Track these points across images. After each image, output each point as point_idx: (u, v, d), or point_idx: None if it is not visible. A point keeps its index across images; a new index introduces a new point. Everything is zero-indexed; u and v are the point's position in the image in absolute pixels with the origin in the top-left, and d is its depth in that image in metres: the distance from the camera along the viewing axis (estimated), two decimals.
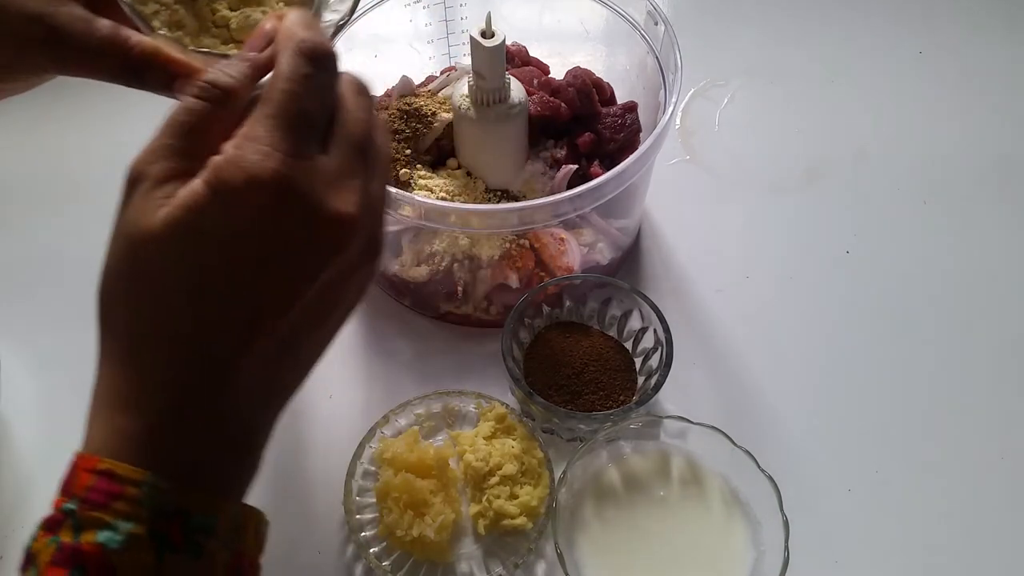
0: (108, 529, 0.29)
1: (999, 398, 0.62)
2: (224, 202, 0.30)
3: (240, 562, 0.33)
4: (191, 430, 0.32)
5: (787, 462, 0.55)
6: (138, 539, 0.29)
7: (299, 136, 0.31)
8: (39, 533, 0.30)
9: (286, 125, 0.31)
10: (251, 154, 0.30)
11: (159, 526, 0.30)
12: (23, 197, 0.76)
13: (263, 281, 0.31)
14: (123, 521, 0.29)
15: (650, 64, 0.66)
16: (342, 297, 0.35)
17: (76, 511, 0.30)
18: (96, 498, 0.30)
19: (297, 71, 0.32)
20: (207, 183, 0.30)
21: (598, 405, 0.57)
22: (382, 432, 0.57)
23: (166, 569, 0.30)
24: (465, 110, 0.61)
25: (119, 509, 0.30)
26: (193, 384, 0.31)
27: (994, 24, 0.89)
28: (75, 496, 0.30)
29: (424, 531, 0.51)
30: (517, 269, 0.61)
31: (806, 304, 0.68)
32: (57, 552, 0.29)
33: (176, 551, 0.30)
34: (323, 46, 0.33)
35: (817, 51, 0.87)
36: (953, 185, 0.75)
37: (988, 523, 0.56)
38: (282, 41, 0.33)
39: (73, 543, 0.29)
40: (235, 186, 0.30)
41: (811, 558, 0.52)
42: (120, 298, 0.32)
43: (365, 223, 0.33)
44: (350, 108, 0.34)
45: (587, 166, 0.65)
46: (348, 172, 0.33)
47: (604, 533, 0.52)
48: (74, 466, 0.31)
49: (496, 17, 0.57)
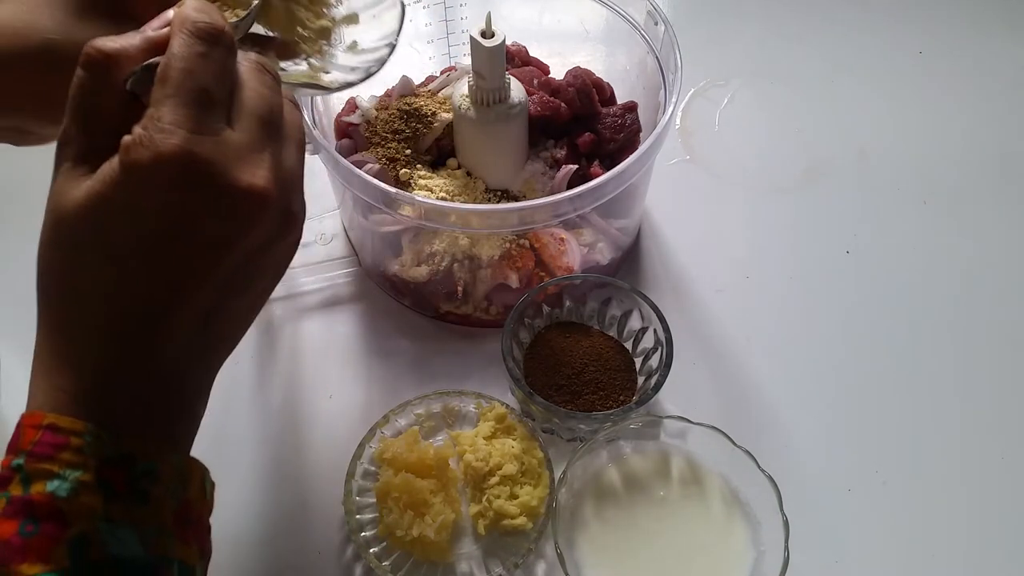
0: (56, 479, 0.31)
1: (999, 398, 0.62)
2: (135, 179, 0.32)
3: (188, 513, 0.35)
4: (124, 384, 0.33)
5: (787, 462, 0.55)
6: (86, 485, 0.31)
7: (199, 112, 0.33)
8: None
9: (185, 102, 0.32)
10: (155, 133, 0.32)
11: (104, 474, 0.31)
12: (23, 197, 0.76)
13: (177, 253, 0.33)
14: (70, 470, 0.31)
15: (650, 64, 0.66)
16: (264, 267, 0.37)
17: (24, 465, 0.31)
18: (42, 451, 0.31)
19: (191, 50, 0.33)
20: (121, 162, 0.32)
21: (598, 405, 0.57)
22: (382, 432, 0.57)
23: (113, 513, 0.31)
24: (465, 110, 0.61)
25: (65, 459, 0.31)
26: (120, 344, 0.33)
27: (994, 24, 0.89)
28: (21, 451, 0.31)
29: (424, 531, 0.51)
30: (517, 269, 0.61)
31: (806, 304, 0.68)
32: (8, 505, 0.31)
33: (121, 497, 0.32)
34: (216, 25, 0.34)
35: (817, 51, 0.87)
36: (953, 185, 0.76)
37: (988, 523, 0.57)
38: (176, 24, 0.34)
39: (23, 495, 0.31)
40: (143, 164, 0.31)
41: (811, 558, 0.52)
42: (51, 267, 0.34)
43: (278, 195, 0.34)
44: (252, 84, 0.35)
45: (587, 166, 0.65)
46: (256, 146, 0.34)
47: (604, 533, 0.52)
48: (19, 426, 0.33)
49: (496, 17, 0.57)
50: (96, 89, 0.33)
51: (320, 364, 0.64)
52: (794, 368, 0.64)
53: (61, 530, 0.30)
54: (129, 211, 0.32)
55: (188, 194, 0.32)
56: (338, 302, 0.68)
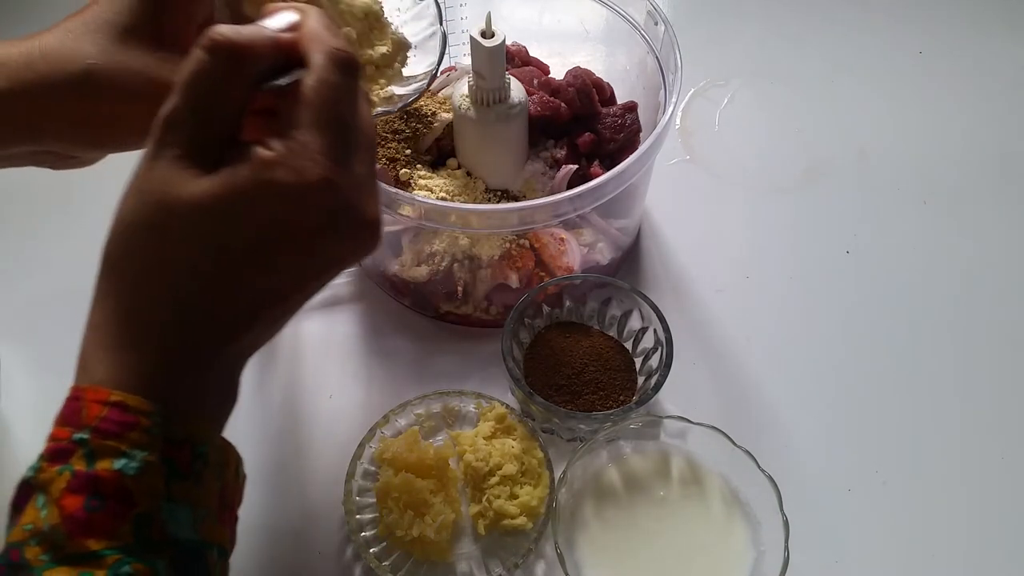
0: (124, 457, 0.31)
1: (999, 398, 0.62)
2: (270, 195, 0.33)
3: (225, 497, 0.35)
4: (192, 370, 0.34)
5: (787, 462, 0.55)
6: (152, 466, 0.32)
7: (339, 143, 0.34)
8: (43, 464, 0.32)
9: (329, 131, 0.34)
10: (301, 158, 0.33)
11: (169, 453, 0.32)
12: (23, 197, 0.76)
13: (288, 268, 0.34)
14: (138, 450, 0.31)
15: (650, 64, 0.66)
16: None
17: (89, 440, 0.31)
18: (109, 428, 0.31)
19: (337, 80, 0.34)
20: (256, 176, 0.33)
21: (598, 405, 0.57)
22: (382, 432, 0.57)
23: (174, 493, 0.32)
24: (465, 110, 0.61)
25: (133, 438, 0.32)
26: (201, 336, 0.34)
27: (994, 24, 0.89)
28: (85, 426, 0.32)
29: (424, 531, 0.51)
30: (517, 269, 0.62)
31: (806, 304, 0.68)
32: (72, 479, 0.31)
33: (183, 477, 0.33)
34: (355, 57, 0.36)
35: (817, 51, 0.87)
36: (953, 185, 0.76)
37: (988, 523, 0.57)
38: (312, 41, 0.35)
39: (88, 471, 0.31)
40: (284, 184, 0.33)
41: (811, 558, 0.52)
42: (143, 247, 0.34)
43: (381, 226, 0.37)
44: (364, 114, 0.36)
45: (587, 166, 0.65)
46: (372, 177, 0.36)
47: (604, 533, 0.52)
48: (77, 398, 0.33)
49: (496, 17, 0.57)
50: (219, 76, 0.33)
51: (320, 364, 0.64)
52: (794, 368, 0.64)
53: (127, 508, 0.31)
54: (253, 221, 0.33)
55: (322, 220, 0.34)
56: (338, 302, 0.68)
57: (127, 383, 0.33)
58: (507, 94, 0.60)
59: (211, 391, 0.35)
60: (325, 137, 0.33)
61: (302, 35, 0.35)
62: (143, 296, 0.34)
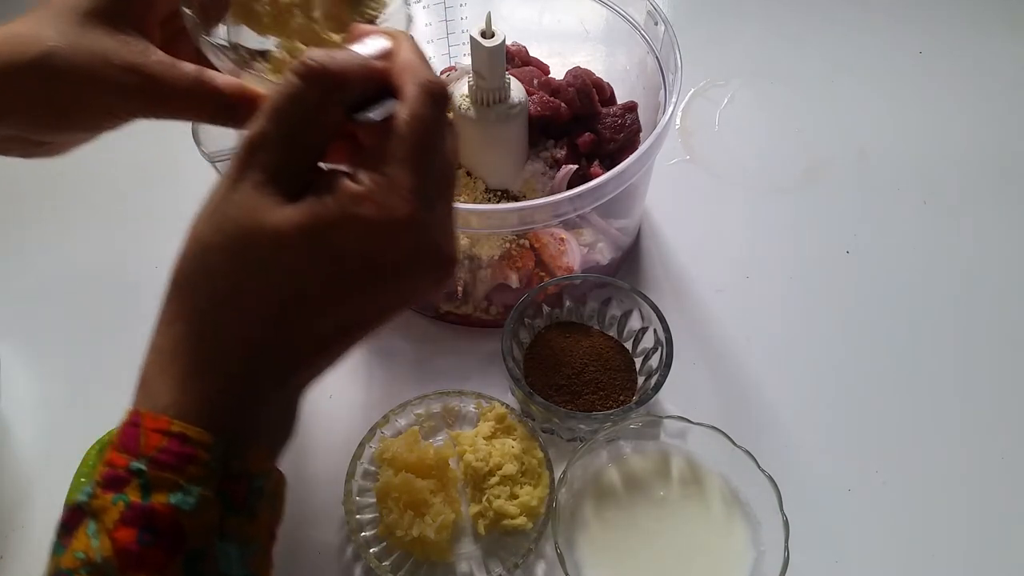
0: (181, 491, 0.30)
1: (999, 398, 0.62)
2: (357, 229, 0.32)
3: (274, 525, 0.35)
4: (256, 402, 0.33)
5: (787, 462, 0.55)
6: (207, 501, 0.31)
7: (428, 183, 0.33)
8: (97, 491, 0.31)
9: (420, 170, 0.33)
10: (391, 194, 0.32)
11: (225, 487, 0.31)
12: (24, 197, 0.76)
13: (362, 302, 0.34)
14: (195, 484, 0.31)
15: (650, 64, 0.66)
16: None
17: (146, 471, 0.30)
18: (168, 459, 0.31)
19: (431, 115, 0.34)
20: (343, 209, 0.32)
21: (598, 405, 0.57)
22: (382, 432, 0.57)
23: (228, 529, 0.31)
24: (465, 110, 0.61)
25: (192, 472, 0.31)
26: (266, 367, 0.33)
27: (994, 24, 0.89)
28: (143, 455, 0.31)
29: (424, 531, 0.51)
30: (517, 269, 0.61)
31: (806, 304, 0.68)
32: (127, 510, 0.30)
33: (237, 512, 0.32)
34: (447, 90, 0.35)
35: (817, 51, 0.87)
36: (953, 185, 0.76)
37: (988, 523, 0.56)
38: (407, 73, 0.34)
39: (144, 503, 0.30)
40: (371, 220, 0.32)
41: (811, 558, 0.52)
42: (214, 273, 0.33)
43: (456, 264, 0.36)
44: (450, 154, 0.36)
45: (587, 166, 0.65)
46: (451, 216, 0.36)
47: (604, 533, 0.52)
48: (134, 423, 0.32)
49: (496, 17, 0.57)
50: (311, 104, 0.33)
51: None
52: (794, 368, 0.64)
53: (179, 544, 0.30)
54: (335, 255, 0.32)
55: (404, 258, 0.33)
56: None
57: (189, 413, 0.32)
58: (507, 94, 0.60)
59: (272, 422, 0.35)
60: (416, 175, 0.33)
61: (396, 64, 0.35)
62: (213, 324, 0.33)
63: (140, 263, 0.69)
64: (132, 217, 0.73)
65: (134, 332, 0.72)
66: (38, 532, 0.56)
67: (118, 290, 0.68)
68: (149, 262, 0.70)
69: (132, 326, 0.67)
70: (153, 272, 0.69)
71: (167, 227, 0.72)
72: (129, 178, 0.75)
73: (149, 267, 0.70)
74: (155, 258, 0.72)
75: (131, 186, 0.75)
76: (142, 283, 0.70)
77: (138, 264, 0.69)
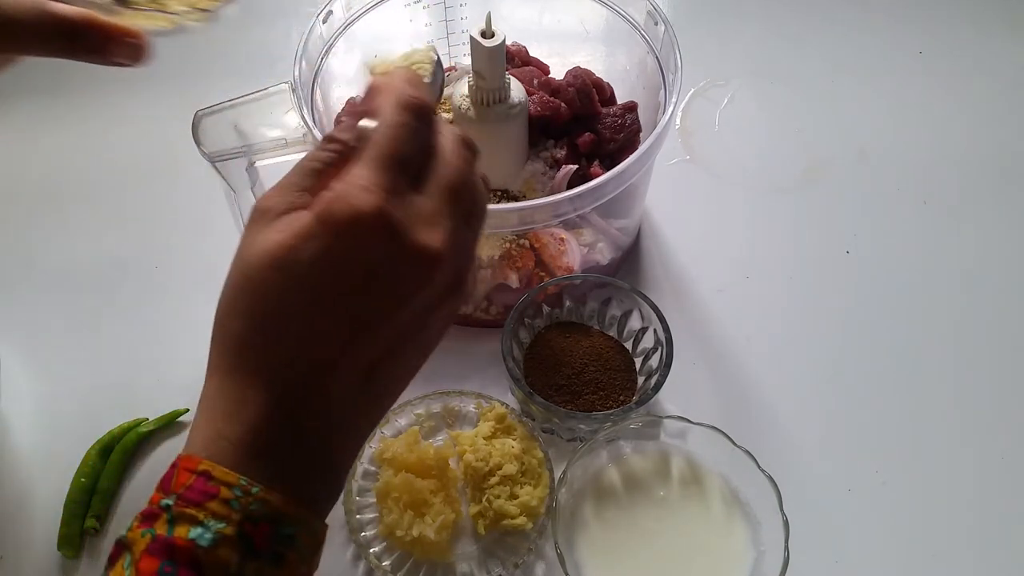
0: (200, 526, 0.31)
1: (999, 398, 0.62)
2: (329, 232, 0.33)
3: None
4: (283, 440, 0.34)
5: (787, 462, 0.55)
6: (226, 539, 0.31)
7: (395, 175, 0.34)
8: (135, 524, 0.32)
9: (385, 166, 0.34)
10: (356, 191, 0.33)
11: (247, 529, 0.32)
12: (23, 197, 0.76)
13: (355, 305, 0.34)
14: (214, 521, 0.31)
15: (650, 64, 0.66)
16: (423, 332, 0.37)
17: (172, 506, 0.32)
18: (192, 496, 0.32)
19: (397, 120, 0.35)
20: (315, 215, 0.33)
21: (598, 405, 0.57)
22: (382, 432, 0.57)
23: (247, 571, 0.32)
24: (465, 110, 0.61)
25: (212, 509, 0.31)
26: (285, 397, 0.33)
27: (994, 24, 0.89)
28: (172, 493, 0.32)
29: (424, 531, 0.51)
30: (517, 269, 0.62)
31: (806, 304, 0.68)
32: (152, 542, 0.31)
33: (258, 556, 0.32)
34: (424, 101, 0.36)
35: (817, 51, 0.87)
36: (953, 185, 0.76)
37: (988, 523, 0.57)
38: (387, 93, 0.36)
39: (167, 536, 0.31)
40: (340, 218, 0.32)
41: (811, 558, 0.52)
42: (231, 314, 0.34)
43: (450, 261, 0.35)
44: (448, 157, 0.37)
45: (587, 166, 0.65)
46: (438, 212, 0.35)
47: (604, 533, 0.52)
48: (174, 465, 0.33)
49: (496, 17, 0.57)
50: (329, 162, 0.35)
51: None
52: (794, 368, 0.64)
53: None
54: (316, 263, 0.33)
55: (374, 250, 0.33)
56: None
57: (218, 452, 0.33)
58: (507, 94, 0.60)
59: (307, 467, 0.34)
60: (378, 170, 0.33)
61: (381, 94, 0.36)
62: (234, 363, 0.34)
63: (140, 263, 0.69)
64: (132, 217, 0.73)
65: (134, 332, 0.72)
66: (38, 532, 0.56)
67: (118, 290, 0.68)
68: (149, 262, 0.71)
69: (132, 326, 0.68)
70: (153, 272, 0.70)
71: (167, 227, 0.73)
72: (129, 178, 0.75)
73: (149, 267, 0.70)
74: (155, 258, 0.73)
75: (131, 186, 0.75)
76: (142, 283, 0.70)
77: (138, 264, 0.69)
